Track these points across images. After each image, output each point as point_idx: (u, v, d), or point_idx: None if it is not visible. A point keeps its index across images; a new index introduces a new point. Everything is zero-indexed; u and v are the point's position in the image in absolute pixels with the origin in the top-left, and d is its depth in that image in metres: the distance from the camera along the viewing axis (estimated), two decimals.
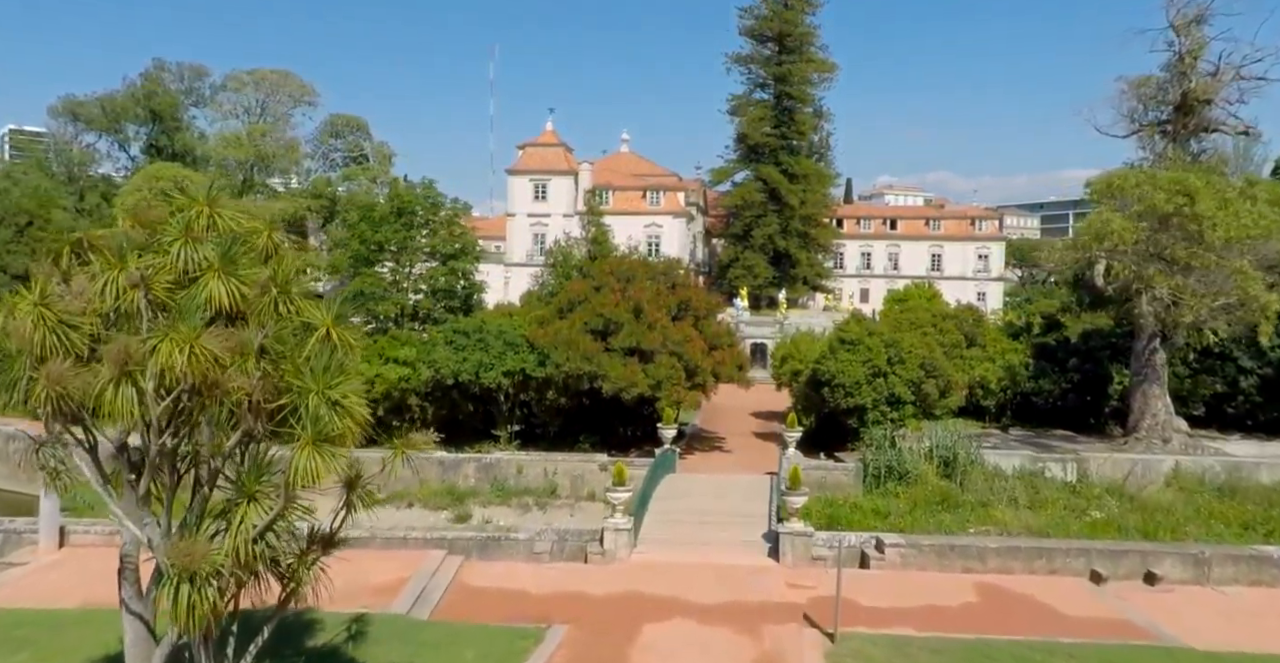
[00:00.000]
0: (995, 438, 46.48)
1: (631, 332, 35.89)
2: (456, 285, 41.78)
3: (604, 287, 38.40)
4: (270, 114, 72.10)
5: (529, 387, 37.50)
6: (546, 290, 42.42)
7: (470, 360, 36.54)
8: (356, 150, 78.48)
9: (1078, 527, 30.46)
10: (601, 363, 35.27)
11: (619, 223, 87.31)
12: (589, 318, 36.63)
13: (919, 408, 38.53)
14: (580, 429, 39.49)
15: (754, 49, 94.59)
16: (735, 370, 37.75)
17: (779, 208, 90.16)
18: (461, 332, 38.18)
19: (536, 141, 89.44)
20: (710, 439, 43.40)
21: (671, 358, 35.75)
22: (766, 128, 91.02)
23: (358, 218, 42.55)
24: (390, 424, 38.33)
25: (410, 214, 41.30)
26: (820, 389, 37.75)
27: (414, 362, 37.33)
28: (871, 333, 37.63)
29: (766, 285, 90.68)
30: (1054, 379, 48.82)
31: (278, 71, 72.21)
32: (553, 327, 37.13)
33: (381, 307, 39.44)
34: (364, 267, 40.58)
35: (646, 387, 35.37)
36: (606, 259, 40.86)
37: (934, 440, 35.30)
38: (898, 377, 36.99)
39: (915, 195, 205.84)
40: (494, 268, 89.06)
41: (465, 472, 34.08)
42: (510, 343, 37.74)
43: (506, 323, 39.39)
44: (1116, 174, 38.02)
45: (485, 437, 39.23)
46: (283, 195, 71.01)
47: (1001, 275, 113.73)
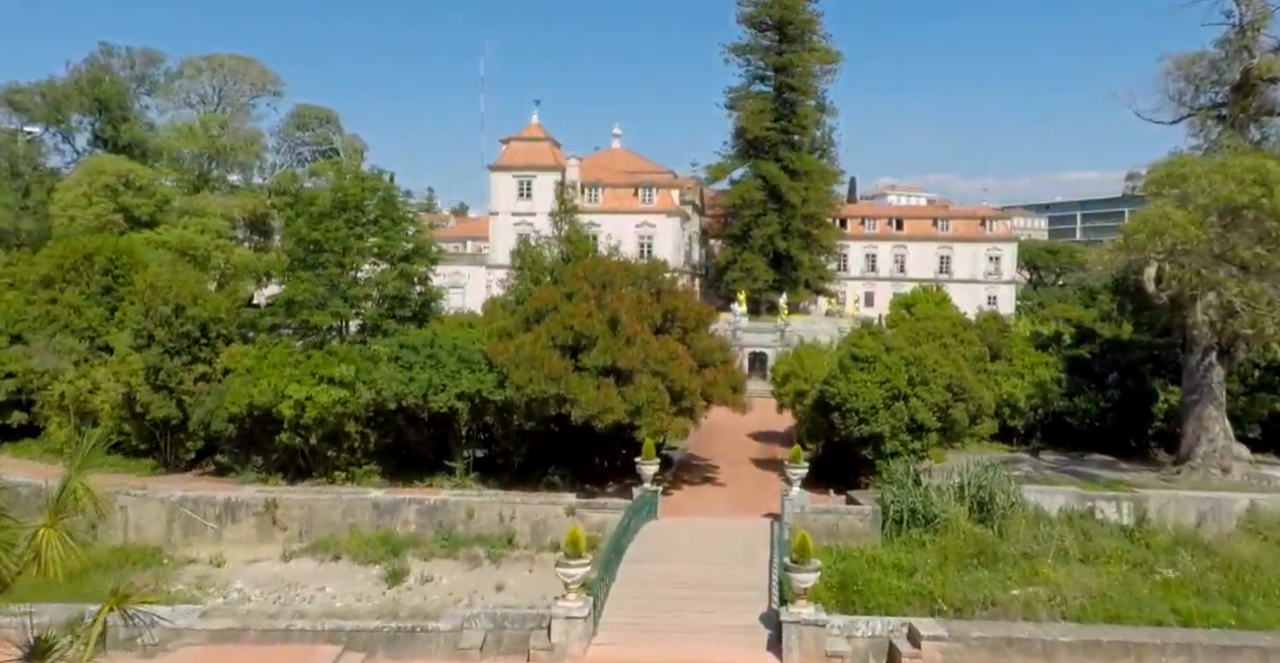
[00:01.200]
0: (1026, 464, 40.89)
1: (606, 348, 30.33)
2: (409, 292, 36.12)
3: (576, 294, 32.84)
4: (229, 103, 66.56)
5: (487, 411, 31.91)
6: (513, 297, 36.92)
7: (418, 381, 30.96)
8: (325, 144, 72.93)
9: (1148, 590, 24.90)
10: (570, 385, 29.70)
11: (610, 222, 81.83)
12: (557, 331, 31.07)
13: (945, 436, 32.99)
14: (550, 458, 33.90)
15: (753, 38, 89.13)
16: (729, 392, 32.19)
17: (779, 207, 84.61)
18: (410, 346, 32.60)
19: (521, 135, 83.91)
20: (701, 468, 37.79)
21: (654, 379, 30.19)
22: (766, 121, 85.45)
23: (295, 213, 36.99)
24: (325, 455, 32.84)
25: (356, 209, 35.67)
26: (829, 414, 32.18)
27: (352, 382, 31.75)
28: (889, 349, 32.04)
29: (766, 289, 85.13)
30: (1090, 397, 43.21)
31: (237, 57, 66.74)
32: (515, 341, 31.56)
33: (317, 317, 33.82)
34: (301, 270, 34.97)
35: (623, 413, 29.80)
36: (580, 262, 35.30)
37: (965, 477, 29.74)
38: (920, 400, 31.42)
39: (918, 196, 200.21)
40: (476, 271, 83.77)
41: (405, 516, 28.52)
42: (466, 360, 32.15)
43: (464, 336, 33.80)
44: (1178, 161, 32.47)
45: (438, 468, 33.62)
46: (242, 191, 65.45)
47: (1013, 278, 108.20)
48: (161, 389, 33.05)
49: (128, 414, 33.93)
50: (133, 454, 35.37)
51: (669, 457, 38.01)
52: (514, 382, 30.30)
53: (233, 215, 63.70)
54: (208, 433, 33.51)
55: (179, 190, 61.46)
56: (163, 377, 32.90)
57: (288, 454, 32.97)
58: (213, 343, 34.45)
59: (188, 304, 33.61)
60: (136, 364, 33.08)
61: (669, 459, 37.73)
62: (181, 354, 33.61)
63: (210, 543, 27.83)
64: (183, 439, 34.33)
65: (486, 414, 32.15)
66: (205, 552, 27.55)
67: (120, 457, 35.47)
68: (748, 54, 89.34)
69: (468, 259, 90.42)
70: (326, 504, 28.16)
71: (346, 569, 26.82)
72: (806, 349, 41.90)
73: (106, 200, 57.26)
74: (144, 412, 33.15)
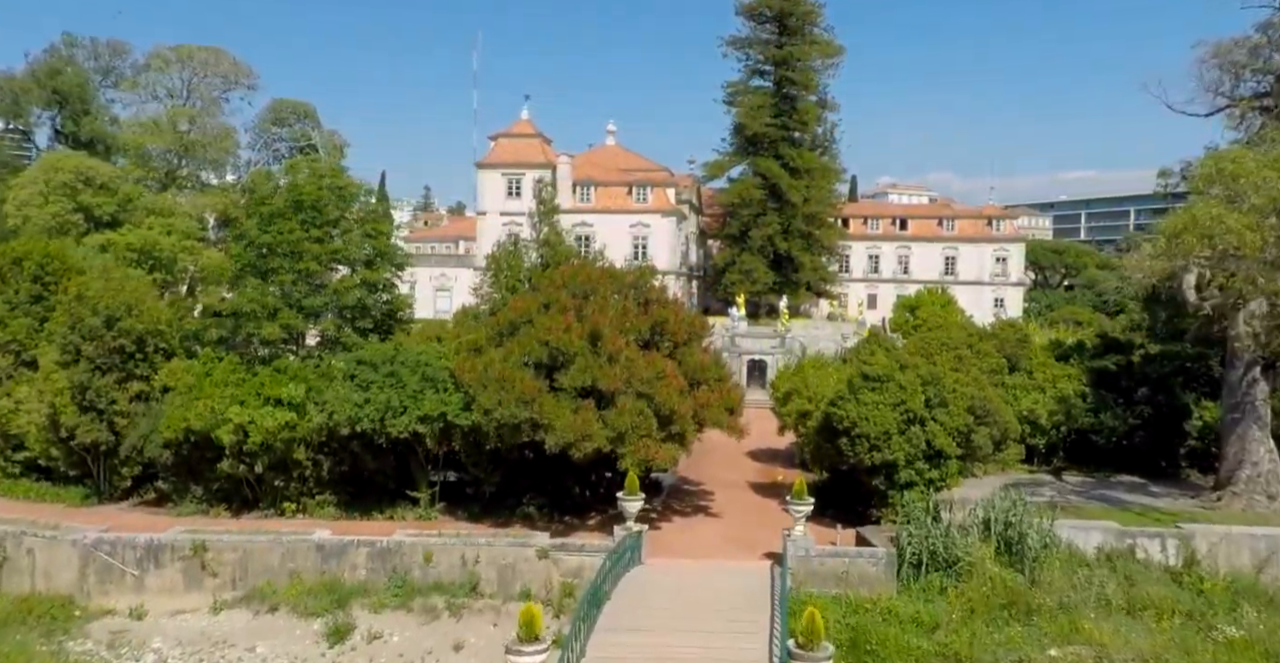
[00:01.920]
0: (1049, 488, 37.46)
1: (585, 366, 26.86)
2: (370, 301, 32.62)
3: (554, 304, 29.36)
4: (199, 97, 63.00)
5: (453, 436, 28.46)
6: (486, 306, 33.41)
7: (374, 403, 27.47)
8: (303, 140, 69.37)
9: (1210, 654, 21.48)
10: (544, 409, 26.23)
11: (602, 222, 78.48)
12: (530, 347, 27.59)
13: (966, 463, 29.55)
14: (525, 486, 30.44)
15: (752, 30, 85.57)
16: (724, 415, 28.70)
17: (780, 206, 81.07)
18: (368, 363, 29.11)
19: (510, 132, 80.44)
20: (693, 495, 34.33)
21: (639, 401, 26.71)
22: (766, 117, 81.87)
23: (246, 213, 33.50)
24: (273, 484, 29.37)
25: (313, 209, 32.16)
26: (836, 439, 28.71)
27: (302, 403, 28.31)
28: (904, 366, 28.55)
29: (766, 291, 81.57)
30: (1118, 413, 39.75)
31: (207, 48, 63.13)
32: (483, 358, 28.08)
33: (266, 329, 30.31)
34: (251, 276, 31.47)
35: (604, 441, 26.33)
36: (559, 268, 31.81)
37: (991, 512, 26.29)
38: (940, 424, 27.95)
39: (920, 195, 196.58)
40: (464, 273, 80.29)
41: (354, 560, 25.02)
42: (431, 378, 28.68)
43: (430, 351, 30.34)
44: (1228, 156, 28.96)
45: (400, 497, 30.18)
46: (213, 190, 61.91)
47: (1021, 280, 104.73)
48: (90, 410, 29.59)
49: (54, 437, 30.46)
50: (63, 481, 31.93)
51: (658, 481, 34.58)
52: (481, 405, 26.83)
53: (203, 215, 60.22)
54: (144, 458, 30.06)
55: (144, 189, 57.85)
56: (91, 396, 29.43)
57: (231, 483, 29.54)
58: (150, 358, 30.99)
59: (122, 315, 30.11)
60: (61, 382, 29.61)
61: (658, 484, 34.31)
62: (114, 371, 30.14)
63: (130, 592, 24.38)
64: (117, 465, 30.87)
65: (453, 440, 28.70)
66: (124, 602, 24.12)
67: (49, 484, 32.08)
68: (747, 47, 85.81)
69: (455, 261, 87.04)
70: (264, 547, 24.70)
71: (284, 623, 23.34)
72: (810, 363, 38.44)
73: (65, 199, 53.78)
74: (70, 435, 29.70)
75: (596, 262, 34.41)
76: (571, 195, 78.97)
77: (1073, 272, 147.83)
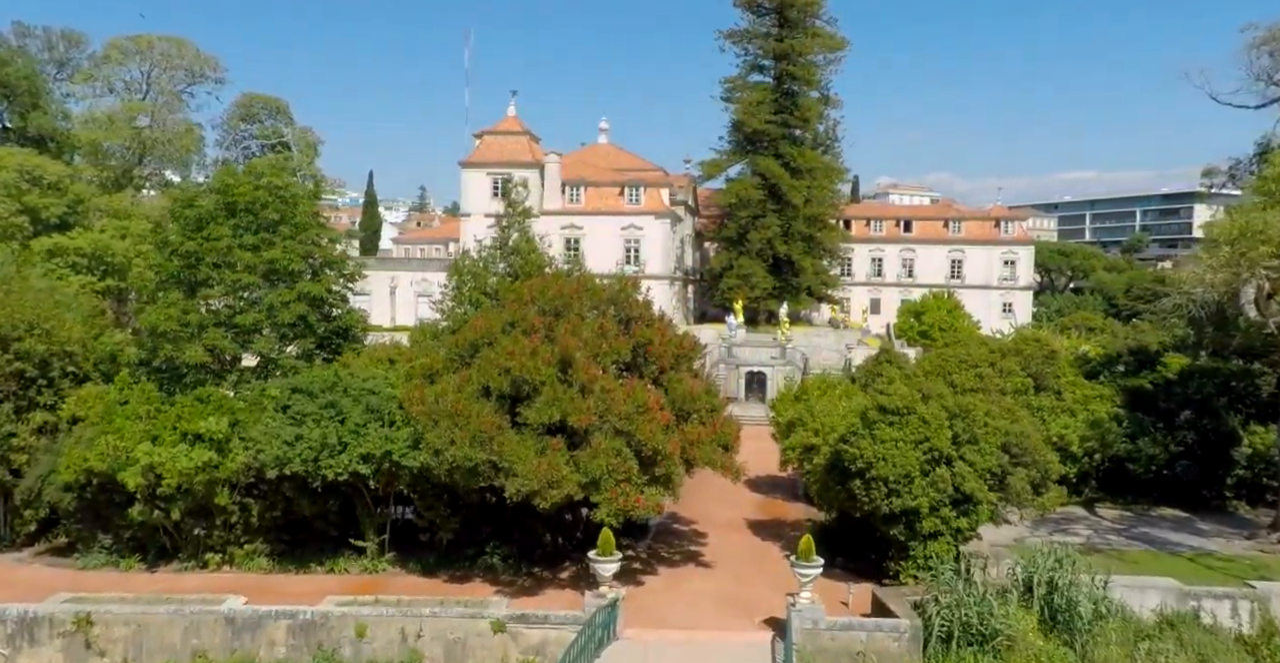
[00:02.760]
0: (1083, 525, 33.52)
1: (554, 398, 22.80)
2: (314, 317, 28.53)
3: (520, 323, 25.29)
4: (160, 91, 58.93)
5: (400, 478, 24.41)
6: (446, 322, 29.33)
7: (308, 440, 23.41)
8: (275, 137, 65.29)
9: None
10: (504, 449, 22.17)
11: (592, 224, 74.60)
12: (489, 375, 23.51)
13: (999, 508, 25.47)
14: (488, 533, 26.38)
15: (752, 22, 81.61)
16: (718, 453, 24.61)
17: (780, 207, 77.02)
18: (305, 391, 25.05)
19: (496, 129, 76.42)
20: (683, 538, 30.24)
21: (616, 440, 22.66)
22: (766, 114, 77.85)
23: (172, 216, 29.41)
24: (192, 533, 25.28)
25: (248, 212, 28.08)
26: (848, 480, 24.63)
27: (226, 438, 24.22)
28: (927, 396, 24.46)
29: (765, 297, 77.52)
30: (1157, 439, 35.75)
31: (169, 39, 59.01)
32: (435, 387, 24.01)
33: (187, 352, 26.23)
34: (173, 290, 27.39)
35: (575, 487, 22.30)
36: (529, 280, 27.74)
37: (1034, 572, 22.23)
38: (969, 465, 23.88)
39: (922, 195, 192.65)
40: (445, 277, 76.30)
41: (271, 635, 20.89)
42: (377, 410, 24.65)
43: (379, 376, 26.28)
44: None
45: (344, 545, 26.12)
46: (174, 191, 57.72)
47: (1030, 284, 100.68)
48: None
49: None
50: None
51: (644, 521, 30.48)
52: (429, 444, 22.76)
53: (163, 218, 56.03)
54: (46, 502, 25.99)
55: (98, 189, 53.70)
56: None
57: (146, 530, 25.45)
58: (57, 384, 26.92)
59: (22, 335, 26.05)
60: None
61: (644, 525, 30.21)
62: (11, 400, 26.08)
63: None
64: (18, 507, 26.80)
65: (399, 482, 24.64)
66: None
67: None
68: (746, 40, 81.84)
69: (438, 265, 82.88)
70: (162, 621, 20.60)
71: None
72: (815, 384, 34.33)
73: (9, 200, 49.62)
74: None
75: (574, 271, 30.26)
76: (561, 196, 75.11)
77: (1079, 274, 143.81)
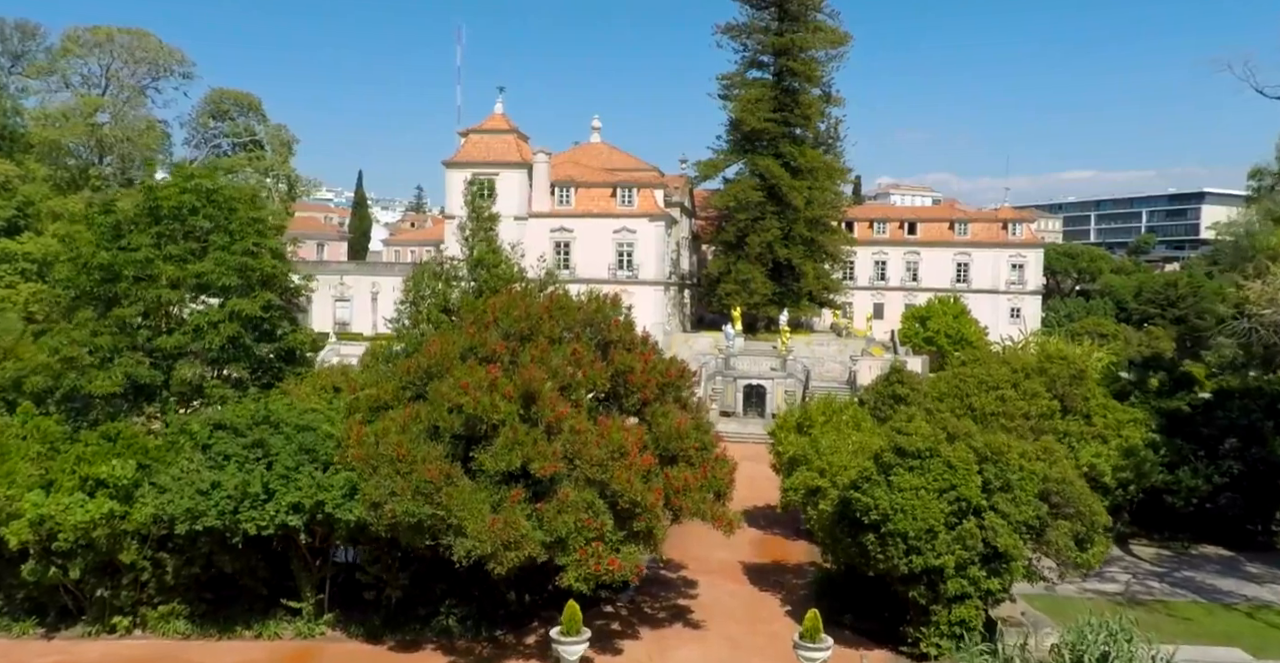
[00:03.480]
0: (1118, 566, 30.06)
1: (514, 441, 19.30)
2: (247, 339, 24.99)
3: (480, 348, 21.77)
4: (119, 85, 55.43)
5: (337, 532, 20.91)
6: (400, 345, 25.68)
7: (225, 488, 19.94)
8: (247, 134, 61.75)
9: None
10: (452, 502, 18.67)
11: (583, 227, 71.16)
12: (438, 412, 20.00)
13: (1035, 563, 21.94)
14: (445, 590, 22.86)
15: (751, 16, 78.12)
16: (708, 501, 21.10)
17: (779, 209, 73.54)
18: (229, 427, 21.55)
19: (482, 127, 72.90)
20: (670, 588, 26.69)
21: (587, 491, 19.15)
22: (765, 112, 74.30)
23: (87, 224, 25.86)
24: (94, 594, 21.75)
25: (174, 220, 24.55)
26: (860, 534, 21.13)
27: (134, 484, 20.73)
28: (952, 436, 20.95)
29: (765, 303, 73.97)
30: (1199, 469, 32.30)
31: (131, 31, 55.41)
32: (376, 425, 20.49)
33: (96, 382, 22.71)
34: (85, 309, 23.86)
35: (537, 547, 18.81)
36: (495, 298, 24.19)
37: (1085, 646, 18.70)
38: (1002, 516, 20.37)
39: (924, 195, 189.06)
40: None
41: None
42: (311, 450, 21.18)
43: (320, 409, 22.78)
44: None
45: (276, 604, 22.61)
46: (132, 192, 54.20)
47: (1038, 288, 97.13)
48: None
49: None
50: None
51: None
52: (366, 494, 19.26)
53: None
54: None
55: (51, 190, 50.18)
56: None
57: (43, 590, 21.93)
58: None
59: None
60: None
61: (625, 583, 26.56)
62: None
63: None
64: None
65: (336, 536, 21.14)
66: None
67: None
68: (744, 35, 78.34)
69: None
70: None
71: None
72: (819, 408, 30.76)
73: None
74: None
75: (548, 285, 26.71)
76: (550, 197, 71.67)
77: (1086, 276, 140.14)
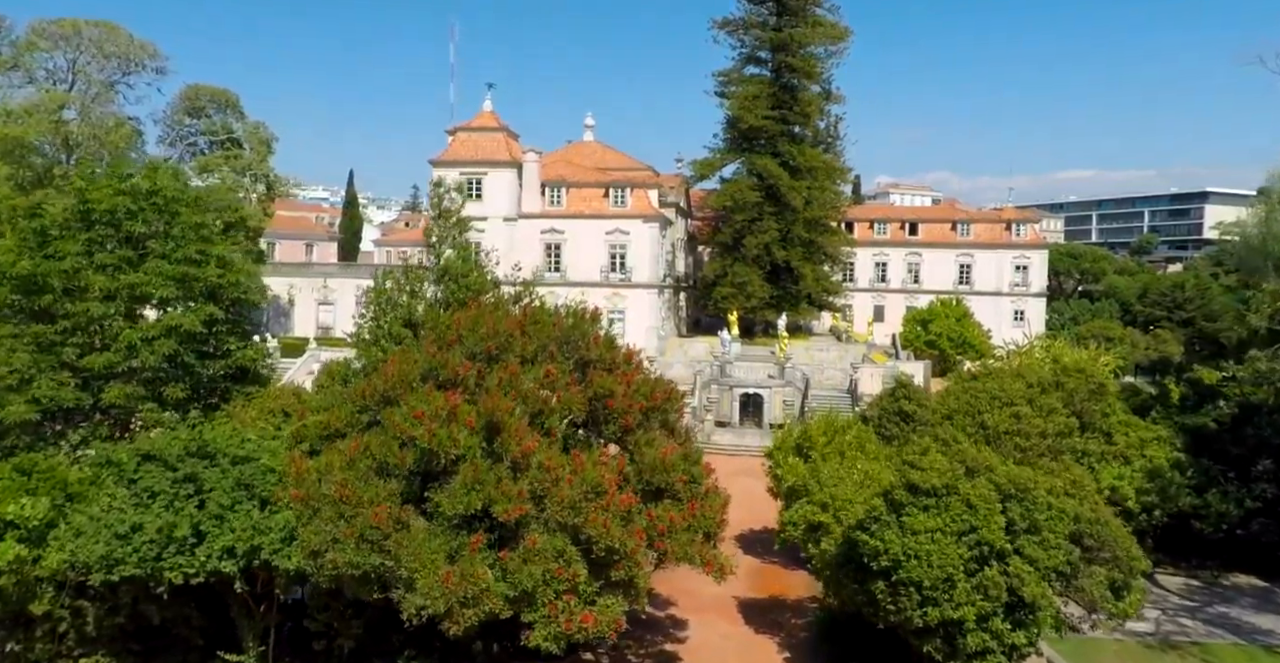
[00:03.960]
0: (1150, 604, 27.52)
1: (475, 480, 16.91)
2: (188, 357, 22.55)
3: (441, 370, 19.37)
4: (87, 80, 53.02)
5: (276, 581, 18.50)
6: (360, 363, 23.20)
7: (148, 531, 17.52)
8: (224, 132, 59.26)
9: None
10: (403, 552, 16.29)
11: (574, 229, 68.61)
12: (388, 447, 17.59)
13: (1063, 614, 19.56)
14: (403, 640, 20.45)
15: (748, 11, 75.46)
16: (698, 543, 18.73)
17: (778, 210, 71.02)
18: (158, 459, 19.14)
19: (470, 125, 70.33)
20: (657, 630, 24.31)
21: (558, 537, 16.76)
22: (763, 109, 71.73)
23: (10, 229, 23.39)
24: (4, 648, 19.32)
25: (108, 225, 22.13)
26: (869, 581, 18.74)
27: (50, 524, 18.32)
28: (972, 471, 18.56)
29: (763, 306, 71.49)
30: (1230, 492, 29.99)
31: (99, 23, 52.98)
32: (320, 460, 18.09)
33: (10, 407, 20.28)
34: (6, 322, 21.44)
35: (499, 602, 16.41)
36: (463, 312, 21.77)
37: None
38: (1028, 561, 18.00)
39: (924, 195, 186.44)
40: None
41: None
42: (250, 485, 18.77)
43: (256, 438, 20.35)
44: None
45: (211, 657, 20.18)
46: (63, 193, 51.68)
47: (1043, 291, 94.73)
48: None
49: None
50: None
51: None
52: (304, 541, 16.86)
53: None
54: None
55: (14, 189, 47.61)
56: None
57: None
58: None
59: None
60: None
61: None
62: None
63: None
64: None
65: (278, 584, 18.74)
66: None
67: None
68: (741, 30, 75.70)
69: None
70: None
71: None
72: (820, 427, 28.31)
73: None
74: None
75: (521, 299, 24.27)
76: (540, 198, 69.11)
77: (1089, 277, 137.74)
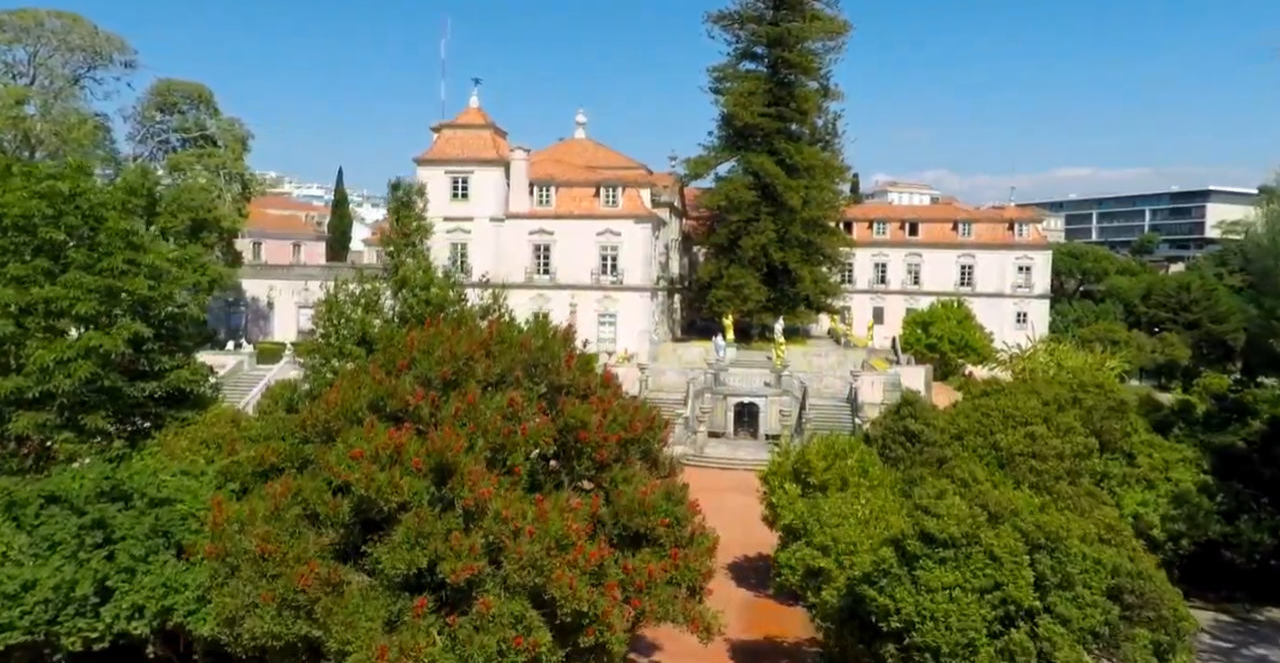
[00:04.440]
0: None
1: (420, 532, 14.49)
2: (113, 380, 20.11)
3: (390, 399, 16.93)
4: (49, 74, 50.47)
5: (195, 648, 16.07)
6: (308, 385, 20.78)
7: (43, 589, 15.07)
8: (197, 129, 56.76)
9: None
10: (334, 620, 13.88)
11: (564, 230, 66.32)
12: (320, 493, 15.18)
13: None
14: None
15: (744, 4, 73.20)
16: (681, 599, 16.36)
17: (774, 210, 68.73)
18: (63, 501, 16.69)
19: (456, 122, 68.02)
20: None
21: (516, 600, 14.35)
22: (759, 106, 69.49)
23: None
24: None
25: (20, 230, 19.70)
26: (877, 644, 16.36)
27: None
28: (995, 516, 16.17)
29: (759, 310, 69.24)
30: (1264, 519, 27.69)
31: (61, 14, 50.33)
32: (245, 504, 15.66)
33: None
34: None
35: None
36: (420, 330, 19.39)
37: None
38: (1060, 621, 15.64)
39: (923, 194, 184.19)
40: None
41: None
42: (168, 532, 16.35)
43: (193, 473, 17.91)
44: None
45: None
46: None
47: (1046, 292, 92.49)
48: None
49: None
50: None
51: None
52: (219, 606, 14.44)
53: None
54: None
55: None
56: None
57: None
58: None
59: None
60: None
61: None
62: None
63: None
64: None
65: (197, 650, 16.30)
66: None
67: None
68: (736, 24, 73.46)
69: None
70: None
71: None
72: (819, 451, 25.88)
73: None
74: None
75: (490, 313, 21.84)
76: (529, 197, 66.79)
77: (1091, 277, 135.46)
